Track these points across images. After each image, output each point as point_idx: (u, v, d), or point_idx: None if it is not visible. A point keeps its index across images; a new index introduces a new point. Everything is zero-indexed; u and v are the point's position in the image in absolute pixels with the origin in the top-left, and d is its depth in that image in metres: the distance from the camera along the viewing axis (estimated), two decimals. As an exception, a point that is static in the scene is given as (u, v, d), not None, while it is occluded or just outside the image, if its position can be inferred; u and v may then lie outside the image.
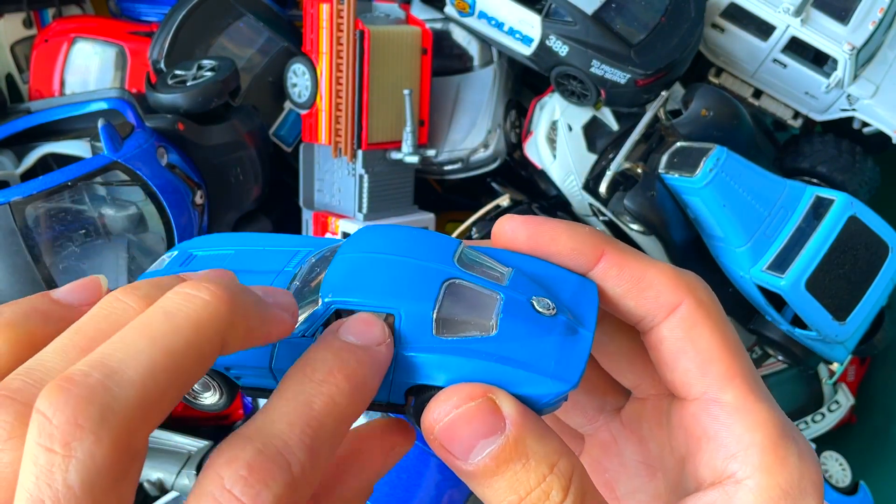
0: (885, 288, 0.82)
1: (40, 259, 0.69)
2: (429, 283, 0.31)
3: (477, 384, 0.29)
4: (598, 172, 0.90)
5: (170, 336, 0.24)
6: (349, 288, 0.31)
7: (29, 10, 0.96)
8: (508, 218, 0.34)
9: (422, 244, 0.33)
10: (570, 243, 0.32)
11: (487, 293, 0.31)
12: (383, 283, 0.31)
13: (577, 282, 0.33)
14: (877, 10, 0.86)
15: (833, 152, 0.93)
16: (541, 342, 0.30)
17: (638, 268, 0.32)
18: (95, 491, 0.22)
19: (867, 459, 1.01)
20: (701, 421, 0.31)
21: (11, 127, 0.81)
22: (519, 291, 0.31)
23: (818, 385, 1.04)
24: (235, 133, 0.83)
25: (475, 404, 0.28)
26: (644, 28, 0.84)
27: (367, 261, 0.32)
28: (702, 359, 0.31)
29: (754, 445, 0.29)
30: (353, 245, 0.33)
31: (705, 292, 0.33)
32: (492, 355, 0.30)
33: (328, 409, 0.26)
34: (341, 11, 0.84)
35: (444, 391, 0.29)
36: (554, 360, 0.30)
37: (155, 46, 0.89)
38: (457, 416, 0.28)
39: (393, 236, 0.33)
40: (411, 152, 0.90)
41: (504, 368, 0.29)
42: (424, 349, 0.30)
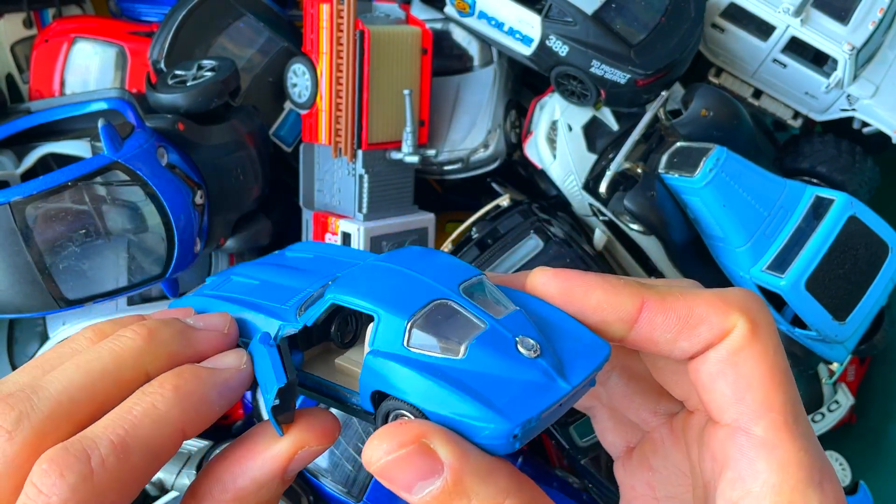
0: (885, 288, 0.82)
1: (40, 259, 0.69)
2: (419, 297, 0.32)
3: (410, 427, 0.28)
4: (598, 172, 0.90)
5: (92, 363, 0.31)
6: (349, 288, 0.33)
7: (29, 11, 0.96)
8: (543, 271, 0.34)
9: (442, 268, 0.34)
10: (606, 300, 0.32)
11: (473, 320, 0.31)
12: (377, 288, 0.32)
13: (589, 340, 0.32)
14: (877, 11, 0.86)
15: (833, 152, 0.93)
16: (505, 378, 0.30)
17: (684, 307, 0.31)
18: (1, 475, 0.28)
19: (867, 459, 1.01)
20: (726, 449, 0.30)
21: (11, 127, 0.81)
22: (508, 328, 0.31)
23: (818, 385, 1.04)
24: (235, 133, 0.83)
25: (407, 451, 0.28)
26: (644, 28, 0.84)
27: (380, 269, 0.34)
28: (741, 385, 0.30)
29: (772, 488, 0.28)
30: (385, 257, 0.35)
31: (761, 312, 0.31)
32: (448, 378, 0.29)
33: (146, 413, 0.30)
34: (341, 11, 0.84)
35: (379, 431, 0.29)
36: (509, 398, 0.29)
37: (155, 46, 0.89)
38: (393, 458, 0.28)
39: (424, 257, 0.35)
40: (411, 152, 0.90)
41: (452, 394, 0.29)
42: (389, 356, 0.30)
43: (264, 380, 0.33)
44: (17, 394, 0.29)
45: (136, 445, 0.29)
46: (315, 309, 0.34)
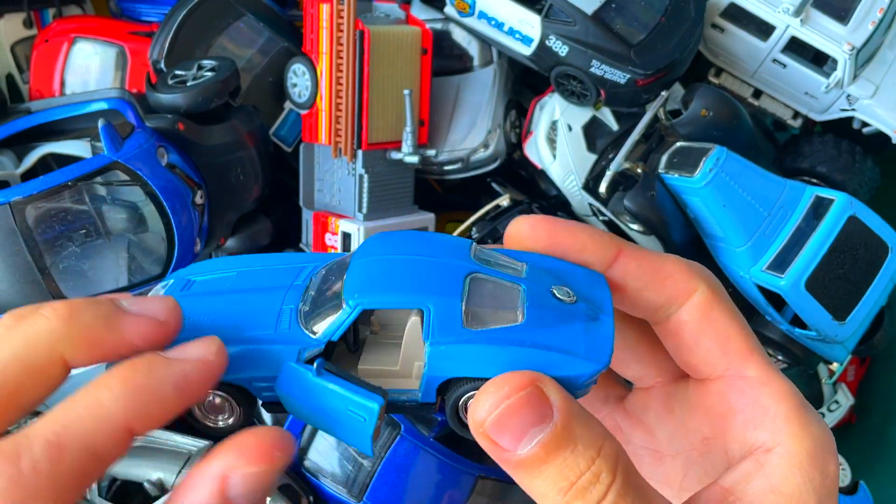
0: (885, 288, 0.82)
1: (40, 259, 0.69)
2: (452, 277, 0.31)
3: (523, 373, 0.29)
4: (598, 172, 0.90)
5: (1, 349, 0.28)
6: (374, 288, 0.31)
7: (29, 11, 0.96)
8: (525, 217, 0.35)
9: (435, 244, 0.33)
10: (590, 241, 0.34)
11: (509, 285, 0.32)
12: (408, 280, 0.31)
13: (587, 274, 0.34)
14: (876, 11, 0.86)
15: (833, 152, 0.93)
16: (568, 327, 0.31)
17: (655, 261, 0.34)
18: None
19: (867, 459, 1.01)
20: (727, 397, 0.33)
21: (12, 127, 0.81)
22: (538, 282, 0.32)
23: (818, 385, 1.04)
24: (235, 133, 0.83)
25: (524, 394, 0.28)
26: (644, 28, 0.84)
27: (388, 262, 0.32)
28: (722, 338, 0.33)
29: (780, 415, 0.31)
30: (367, 251, 0.33)
31: (714, 279, 0.35)
32: (525, 342, 0.30)
33: (89, 408, 0.27)
34: (341, 11, 0.84)
35: (489, 383, 0.29)
36: (584, 343, 0.31)
37: (155, 46, 0.89)
38: (507, 407, 0.28)
39: (404, 240, 0.34)
40: (411, 152, 0.90)
41: (539, 353, 0.30)
42: (457, 341, 0.30)
43: (332, 406, 0.31)
44: None
45: (73, 445, 0.27)
46: (338, 321, 0.32)
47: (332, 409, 0.30)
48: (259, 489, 0.28)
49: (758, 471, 0.31)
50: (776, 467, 0.30)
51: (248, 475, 0.28)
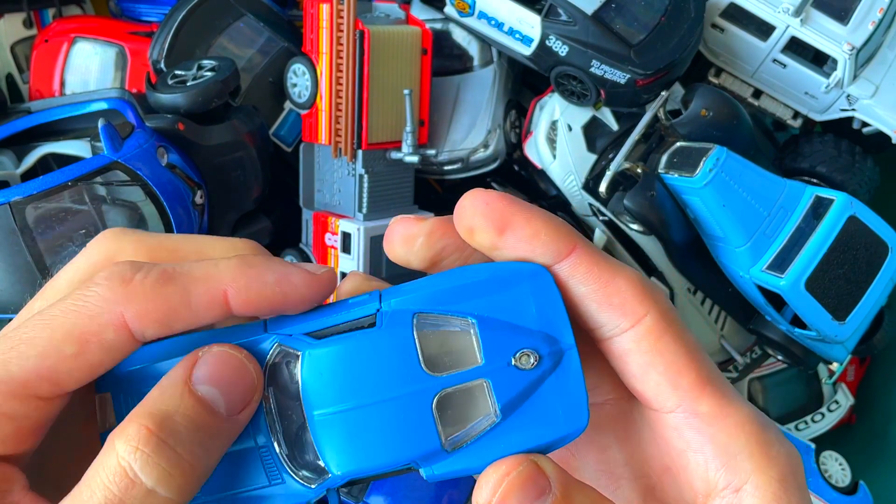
0: (885, 288, 0.82)
1: (40, 259, 0.69)
2: (421, 415, 0.29)
3: (515, 455, 0.29)
4: (598, 172, 0.90)
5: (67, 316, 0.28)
6: (355, 456, 0.28)
7: (29, 11, 0.96)
8: (479, 193, 0.31)
9: (380, 372, 0.29)
10: (544, 229, 0.30)
11: (475, 384, 0.29)
12: (383, 440, 0.29)
13: (529, 279, 0.30)
14: (876, 10, 0.86)
15: (833, 152, 0.93)
16: (540, 397, 0.29)
17: (608, 270, 0.30)
18: None
19: (867, 459, 1.01)
20: (683, 434, 0.31)
21: (12, 127, 0.81)
22: (496, 360, 0.29)
23: (818, 385, 1.05)
24: (235, 133, 0.83)
25: (522, 469, 0.28)
26: (644, 28, 0.84)
27: (350, 418, 0.29)
28: (672, 371, 0.30)
29: (741, 451, 0.30)
30: (321, 393, 0.29)
31: (667, 304, 0.32)
32: (509, 439, 0.29)
33: (201, 262, 0.29)
34: (341, 11, 0.84)
35: (488, 470, 0.28)
36: (561, 407, 0.29)
37: (155, 46, 0.89)
38: (507, 485, 0.27)
39: (350, 375, 0.29)
40: (411, 152, 0.90)
41: (526, 442, 0.29)
42: (448, 467, 0.29)
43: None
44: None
45: (177, 280, 0.28)
46: (328, 484, 0.30)
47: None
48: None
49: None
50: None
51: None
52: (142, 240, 0.31)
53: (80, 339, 0.27)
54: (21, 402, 0.27)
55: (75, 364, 0.27)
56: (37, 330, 0.27)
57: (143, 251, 0.31)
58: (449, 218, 0.32)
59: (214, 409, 0.27)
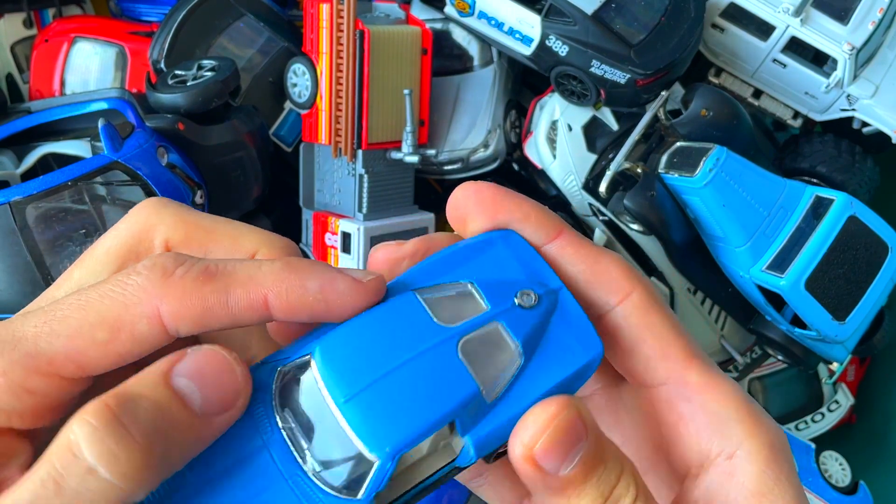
0: (885, 288, 0.82)
1: (40, 259, 0.69)
2: (450, 363, 0.28)
3: (556, 397, 0.28)
4: (598, 172, 0.90)
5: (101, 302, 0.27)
6: (393, 425, 0.26)
7: (29, 11, 0.96)
8: (471, 184, 0.33)
9: (397, 330, 0.29)
10: (534, 212, 0.32)
11: (490, 328, 0.29)
12: (420, 398, 0.27)
13: (502, 240, 0.32)
14: (876, 10, 0.86)
15: (833, 152, 0.93)
16: (552, 334, 0.30)
17: (594, 251, 0.32)
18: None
19: (867, 459, 1.01)
20: (675, 406, 0.31)
21: (12, 127, 0.81)
22: (502, 304, 0.30)
23: (818, 385, 1.05)
24: (235, 133, 0.83)
25: (566, 414, 0.27)
26: (644, 28, 0.84)
27: (383, 385, 0.27)
28: (661, 343, 0.31)
29: (731, 418, 0.31)
30: (342, 378, 0.27)
31: (649, 281, 0.33)
32: (540, 377, 0.29)
33: (247, 263, 0.28)
34: (341, 11, 0.84)
35: (530, 414, 0.28)
36: (574, 339, 0.30)
37: (155, 46, 0.89)
38: (553, 430, 0.27)
39: (367, 344, 0.28)
40: (411, 152, 0.90)
41: (556, 376, 0.29)
42: (490, 423, 0.28)
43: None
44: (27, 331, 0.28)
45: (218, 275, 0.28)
46: (377, 477, 0.27)
47: None
48: None
49: (730, 480, 0.30)
50: (746, 472, 0.30)
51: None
52: (180, 214, 0.31)
53: (112, 327, 0.26)
54: (44, 378, 0.26)
55: (104, 350, 0.27)
56: (72, 310, 0.27)
57: (181, 227, 0.31)
58: (428, 237, 0.32)
59: (187, 403, 0.26)
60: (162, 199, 0.32)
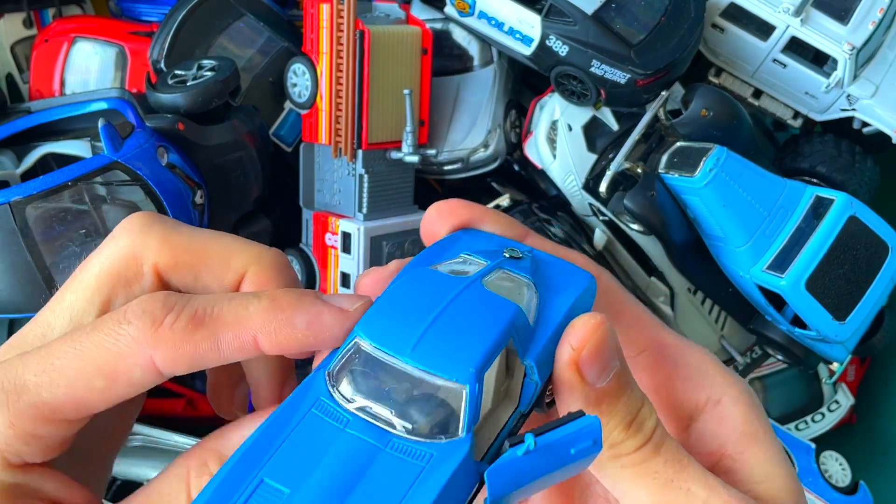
0: (885, 288, 0.82)
1: (40, 259, 0.69)
2: (484, 296, 0.30)
3: (593, 313, 0.31)
4: (598, 172, 0.90)
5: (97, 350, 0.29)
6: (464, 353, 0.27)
7: (29, 10, 0.96)
8: (442, 202, 0.36)
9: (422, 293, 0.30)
10: (500, 219, 0.36)
11: (497, 273, 0.32)
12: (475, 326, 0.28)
13: (465, 232, 0.35)
14: (876, 10, 0.86)
15: (833, 152, 0.93)
16: (547, 276, 0.33)
17: (558, 247, 0.36)
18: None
19: (867, 459, 1.01)
20: (660, 367, 0.36)
21: (12, 127, 0.81)
22: (496, 258, 0.33)
23: (818, 385, 1.05)
24: (235, 133, 0.83)
25: (605, 328, 0.30)
26: (644, 28, 0.84)
27: (437, 327, 0.28)
28: (634, 318, 0.36)
29: (710, 370, 0.35)
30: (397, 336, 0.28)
31: (611, 274, 0.38)
32: (558, 301, 0.32)
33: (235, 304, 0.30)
34: (341, 11, 0.84)
35: (576, 323, 0.30)
36: (566, 274, 0.33)
37: (155, 46, 0.89)
38: (597, 339, 0.29)
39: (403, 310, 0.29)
40: (411, 152, 0.90)
41: (570, 296, 0.32)
42: (542, 342, 0.30)
43: (555, 459, 0.27)
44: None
45: (209, 325, 0.29)
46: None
47: (556, 462, 0.27)
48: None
49: (721, 423, 0.34)
50: (733, 415, 0.34)
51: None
52: (168, 237, 0.32)
53: (109, 376, 0.28)
54: (49, 424, 0.28)
55: (103, 396, 0.28)
56: (68, 359, 0.28)
57: (169, 251, 0.32)
58: (407, 259, 0.34)
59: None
60: (149, 216, 0.32)
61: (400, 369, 0.27)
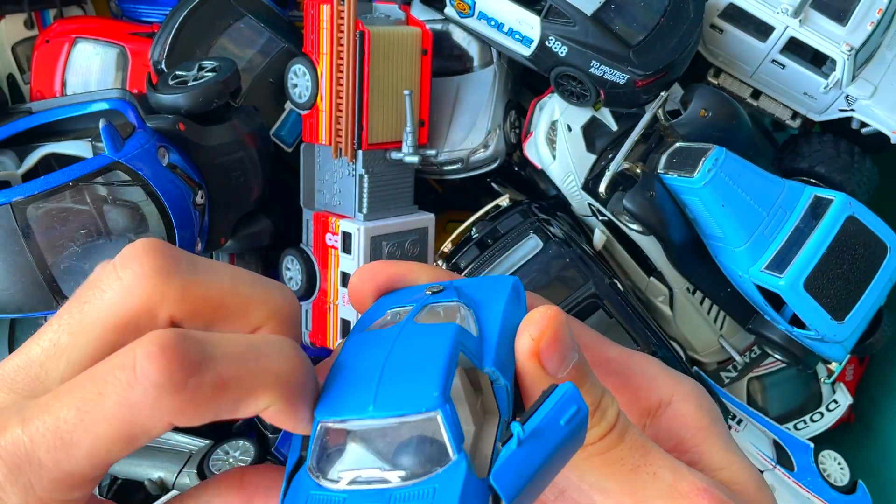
0: (884, 288, 0.82)
1: (41, 259, 0.69)
2: (426, 331, 0.30)
3: (547, 306, 0.31)
4: (598, 172, 0.91)
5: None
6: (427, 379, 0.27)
7: (30, 11, 0.96)
8: (363, 267, 0.37)
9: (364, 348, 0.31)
10: (429, 268, 0.37)
11: (428, 307, 0.33)
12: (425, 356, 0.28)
13: (392, 294, 0.36)
14: (875, 11, 0.86)
15: (831, 152, 0.93)
16: (474, 294, 0.34)
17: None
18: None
19: (866, 458, 1.01)
20: (608, 382, 0.36)
21: (13, 127, 0.81)
22: (420, 299, 0.34)
23: (817, 384, 1.05)
24: (236, 133, 0.84)
25: (561, 318, 0.30)
26: (643, 29, 0.84)
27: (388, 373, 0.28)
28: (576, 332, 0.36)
29: (656, 375, 0.37)
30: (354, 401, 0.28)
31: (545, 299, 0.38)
32: (495, 307, 0.32)
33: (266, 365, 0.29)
34: (342, 12, 0.84)
35: (532, 315, 0.30)
36: (491, 284, 0.35)
37: (156, 47, 0.89)
38: (554, 330, 0.30)
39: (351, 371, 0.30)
40: (411, 152, 0.90)
41: (502, 298, 0.33)
42: (491, 343, 0.30)
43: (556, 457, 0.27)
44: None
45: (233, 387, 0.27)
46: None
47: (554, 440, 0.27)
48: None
49: (675, 421, 0.35)
50: (684, 412, 0.36)
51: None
52: (188, 291, 0.29)
53: (128, 442, 0.26)
54: (76, 488, 0.27)
55: (124, 452, 0.27)
56: (81, 430, 0.26)
57: (188, 307, 0.29)
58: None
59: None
60: (163, 256, 0.29)
61: (371, 427, 0.27)
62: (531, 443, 0.26)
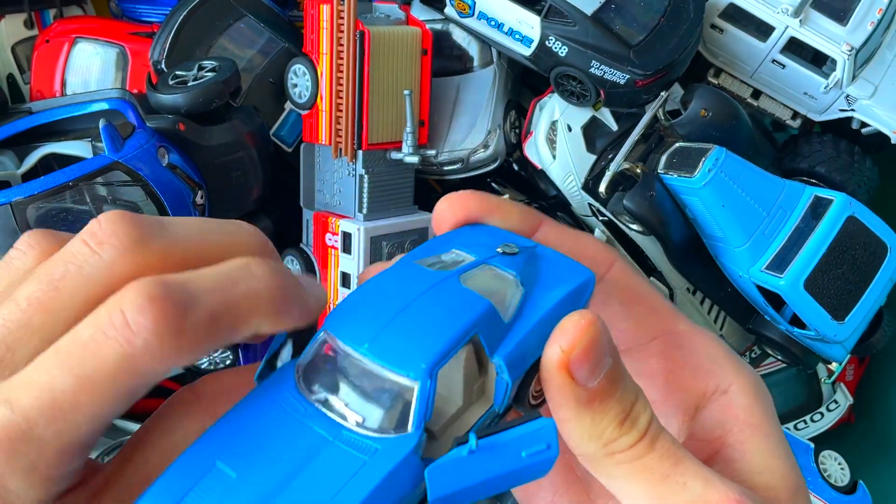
0: (884, 288, 0.82)
1: (42, 259, 0.69)
2: (458, 291, 0.29)
3: (582, 312, 0.29)
4: (598, 172, 0.91)
5: None
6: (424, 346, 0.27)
7: (30, 11, 0.96)
8: (453, 194, 0.35)
9: (398, 286, 0.30)
10: (516, 209, 0.35)
11: (483, 269, 0.31)
12: (440, 320, 0.28)
13: (470, 227, 0.34)
14: (875, 11, 0.86)
15: (832, 152, 0.93)
16: (543, 272, 0.32)
17: (572, 233, 0.36)
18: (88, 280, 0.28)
19: (866, 458, 1.01)
20: (670, 354, 0.35)
21: (13, 127, 0.81)
22: (487, 253, 0.32)
23: (817, 384, 1.05)
24: (236, 133, 0.84)
25: (596, 325, 0.29)
26: (643, 29, 0.84)
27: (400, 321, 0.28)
28: (649, 301, 0.36)
29: (720, 359, 0.35)
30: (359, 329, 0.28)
31: (624, 253, 0.38)
32: (547, 297, 0.31)
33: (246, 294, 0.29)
34: (342, 12, 0.84)
35: (564, 323, 0.29)
36: (565, 270, 0.32)
37: (156, 47, 0.89)
38: (588, 340, 0.29)
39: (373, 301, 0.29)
40: (411, 152, 0.90)
41: (562, 292, 0.31)
42: (517, 340, 0.29)
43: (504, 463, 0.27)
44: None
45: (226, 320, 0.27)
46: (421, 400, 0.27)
47: (506, 465, 0.27)
48: None
49: (726, 412, 0.34)
50: (738, 405, 0.34)
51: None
52: (169, 253, 0.28)
53: (132, 393, 0.26)
54: (74, 458, 0.26)
55: (125, 406, 0.26)
56: (82, 395, 0.25)
57: (168, 268, 0.28)
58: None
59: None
60: (136, 224, 0.28)
61: (357, 362, 0.27)
62: (481, 458, 0.26)
